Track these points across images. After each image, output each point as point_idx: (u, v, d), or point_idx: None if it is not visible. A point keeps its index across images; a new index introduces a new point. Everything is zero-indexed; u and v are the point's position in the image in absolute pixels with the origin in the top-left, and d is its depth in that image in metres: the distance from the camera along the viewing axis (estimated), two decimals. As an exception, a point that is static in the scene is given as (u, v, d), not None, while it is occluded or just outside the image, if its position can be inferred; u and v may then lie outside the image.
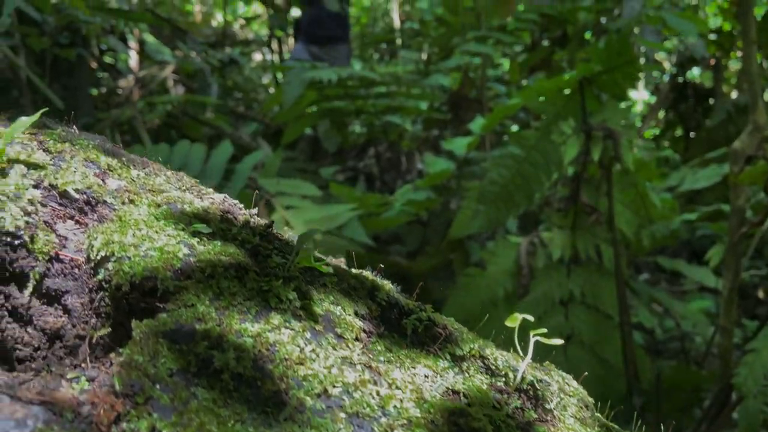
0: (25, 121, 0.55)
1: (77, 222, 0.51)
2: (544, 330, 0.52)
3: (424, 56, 4.27)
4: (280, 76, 4.22)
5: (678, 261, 2.28)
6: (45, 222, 0.48)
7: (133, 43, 3.29)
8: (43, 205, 0.49)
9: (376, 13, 7.88)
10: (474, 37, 2.55)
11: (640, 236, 1.40)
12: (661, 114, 4.92)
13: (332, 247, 1.28)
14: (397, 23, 7.07)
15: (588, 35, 3.33)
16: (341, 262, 0.91)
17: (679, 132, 4.81)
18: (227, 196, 0.62)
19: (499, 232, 1.94)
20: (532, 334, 0.51)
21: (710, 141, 3.98)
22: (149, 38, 3.38)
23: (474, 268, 1.33)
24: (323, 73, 1.77)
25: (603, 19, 3.31)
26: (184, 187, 0.60)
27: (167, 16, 4.70)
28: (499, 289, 1.31)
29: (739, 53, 4.08)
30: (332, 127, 2.71)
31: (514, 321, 0.52)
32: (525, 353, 0.54)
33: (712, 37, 4.04)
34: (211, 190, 0.63)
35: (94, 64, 3.16)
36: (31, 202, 0.48)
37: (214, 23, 7.85)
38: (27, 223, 0.47)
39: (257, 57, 6.96)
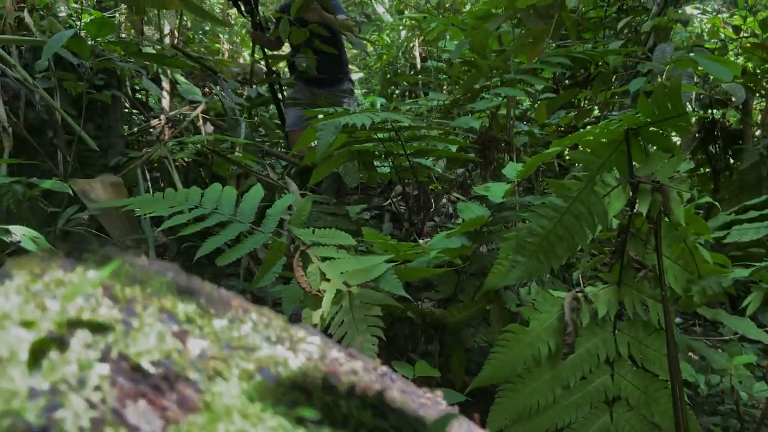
0: (95, 276, 0.41)
1: (151, 402, 0.38)
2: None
3: (448, 96, 4.28)
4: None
5: (718, 311, 2.19)
6: (113, 410, 0.36)
7: (165, 84, 3.34)
8: (111, 385, 0.37)
9: (398, 51, 7.97)
10: (503, 80, 2.54)
11: (690, 292, 1.34)
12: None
13: (369, 301, 1.24)
14: (418, 61, 7.14)
15: (605, 71, 3.32)
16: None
17: (706, 171, 4.74)
18: (320, 337, 0.52)
19: (534, 282, 1.89)
20: None
21: (742, 183, 3.90)
22: (181, 78, 3.43)
23: (515, 324, 1.28)
24: (357, 118, 1.76)
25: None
26: (273, 336, 0.48)
27: (197, 56, 4.80)
28: (543, 346, 1.26)
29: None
30: (360, 167, 2.70)
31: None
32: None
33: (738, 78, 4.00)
34: (302, 333, 0.52)
35: (127, 104, 3.22)
36: (98, 387, 0.36)
37: (241, 60, 8.00)
38: (92, 420, 0.35)
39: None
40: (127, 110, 3.42)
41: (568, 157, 2.43)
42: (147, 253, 2.37)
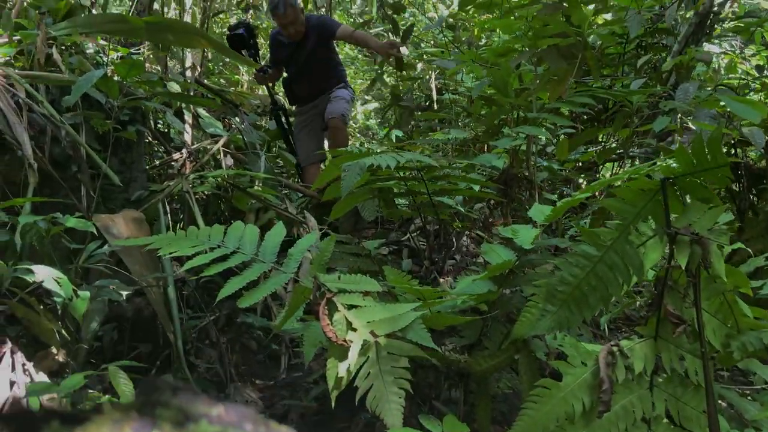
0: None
1: None
2: None
3: (469, 131, 4.28)
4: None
5: (751, 360, 2.12)
6: None
7: (188, 117, 3.38)
8: None
9: (414, 83, 8.02)
10: (526, 118, 2.53)
11: (730, 348, 1.29)
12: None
13: (397, 352, 1.20)
14: (435, 94, 7.17)
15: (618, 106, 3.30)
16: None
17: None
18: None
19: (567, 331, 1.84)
20: None
21: (768, 223, 3.83)
22: (203, 112, 3.46)
23: (548, 379, 1.23)
24: (382, 159, 1.75)
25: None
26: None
27: (218, 88, 4.86)
28: (577, 403, 1.21)
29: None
30: (381, 204, 2.68)
31: None
32: None
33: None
34: None
35: (150, 137, 3.24)
36: None
37: (259, 92, 8.10)
38: None
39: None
40: (150, 144, 3.45)
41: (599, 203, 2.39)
42: (165, 290, 2.36)
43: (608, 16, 4.54)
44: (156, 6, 4.49)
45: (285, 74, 4.28)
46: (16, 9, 2.98)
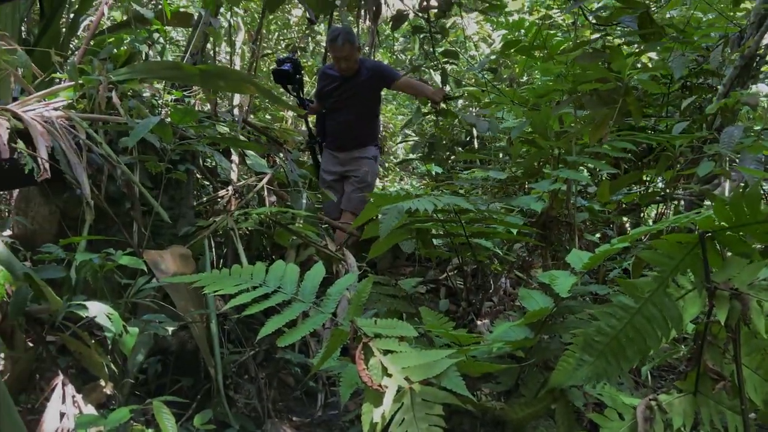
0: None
1: None
2: None
3: (507, 170, 4.29)
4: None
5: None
6: None
7: (234, 156, 3.51)
8: None
9: (455, 119, 8.07)
10: (567, 161, 2.54)
11: (773, 405, 1.25)
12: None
13: (432, 399, 1.22)
14: (475, 131, 7.20)
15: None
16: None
17: None
18: None
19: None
20: None
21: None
22: (249, 151, 3.60)
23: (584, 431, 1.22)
24: (420, 203, 1.79)
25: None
26: None
27: (263, 125, 5.02)
28: (614, 458, 1.19)
29: None
30: (419, 244, 2.72)
31: None
32: None
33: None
34: None
35: (198, 174, 3.38)
36: None
37: (303, 128, 8.29)
38: None
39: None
40: (197, 178, 3.59)
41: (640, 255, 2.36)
42: (208, 325, 2.43)
43: (653, 55, 4.53)
44: (208, 46, 4.72)
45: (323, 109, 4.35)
46: (79, 55, 3.19)
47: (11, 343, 1.76)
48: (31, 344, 1.93)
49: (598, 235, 3.80)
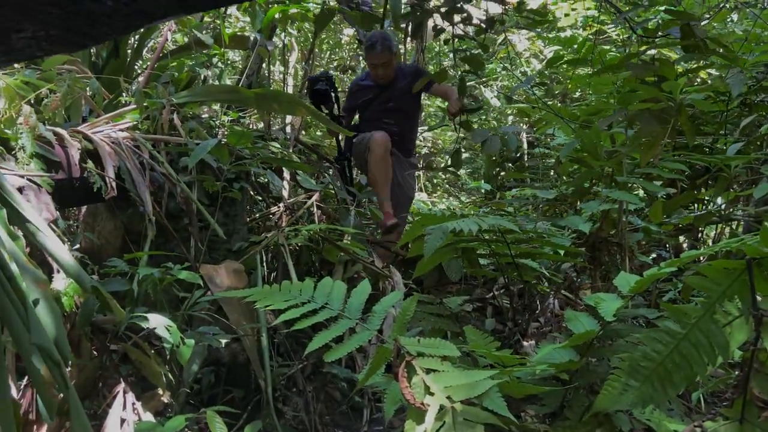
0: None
1: None
2: None
3: (557, 188, 4.25)
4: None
5: None
6: None
7: (286, 174, 3.63)
8: None
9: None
10: (617, 182, 2.52)
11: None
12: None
13: (473, 419, 1.24)
14: (525, 147, 7.14)
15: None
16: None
17: None
18: None
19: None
20: None
21: None
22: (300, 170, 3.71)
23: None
24: (464, 224, 1.82)
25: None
26: None
27: (314, 143, 5.15)
28: (657, 486, 1.18)
29: None
30: (465, 263, 2.74)
31: None
32: None
33: None
34: None
35: (251, 191, 3.51)
36: None
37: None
38: None
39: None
40: (250, 195, 3.73)
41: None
42: (259, 338, 2.51)
43: (713, 70, 4.40)
44: (263, 66, 4.90)
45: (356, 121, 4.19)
46: (144, 78, 3.38)
47: (78, 352, 1.88)
48: (95, 353, 2.05)
49: (653, 256, 3.71)
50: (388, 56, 3.77)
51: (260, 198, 3.84)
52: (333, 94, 3.83)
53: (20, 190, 1.92)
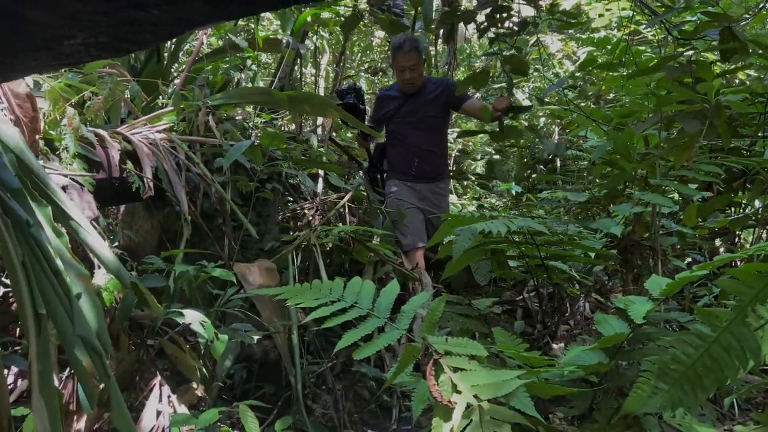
0: None
1: None
2: None
3: (588, 191, 4.21)
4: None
5: None
6: None
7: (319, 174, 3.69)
8: None
9: (536, 137, 7.98)
10: (650, 184, 2.48)
11: None
12: None
13: (500, 418, 1.25)
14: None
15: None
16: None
17: None
18: None
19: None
20: None
21: None
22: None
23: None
24: (493, 226, 1.82)
25: None
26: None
27: (345, 144, 5.20)
28: (685, 489, 1.17)
29: None
30: (494, 265, 2.73)
31: None
32: None
33: None
34: None
35: (282, 191, 3.57)
36: None
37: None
38: None
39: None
40: (284, 198, 3.79)
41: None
42: (290, 336, 2.56)
43: (751, 71, 4.29)
44: (295, 68, 4.98)
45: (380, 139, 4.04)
46: (180, 81, 3.47)
47: (116, 345, 1.95)
48: (133, 347, 2.12)
49: (688, 260, 3.64)
50: (416, 58, 3.59)
51: (291, 198, 3.91)
52: (362, 107, 3.74)
53: (64, 188, 2.00)
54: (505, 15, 2.66)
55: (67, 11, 0.66)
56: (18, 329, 2.02)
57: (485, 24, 2.75)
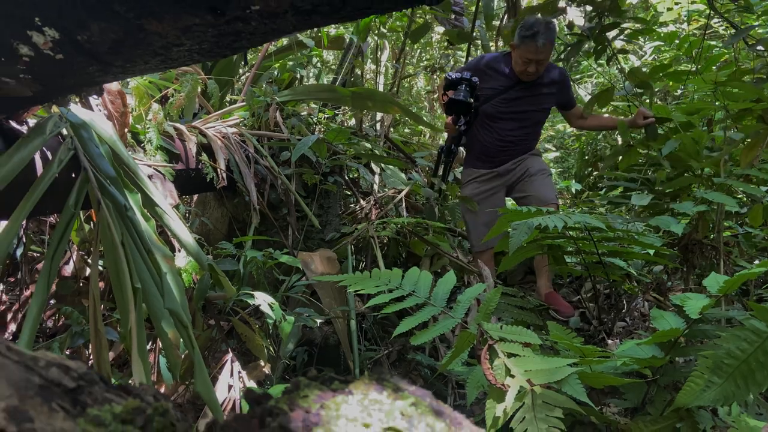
0: (400, 403, 0.45)
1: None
2: None
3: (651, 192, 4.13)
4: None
5: None
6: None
7: (376, 169, 3.78)
8: None
9: (599, 133, 7.83)
10: (714, 184, 2.45)
11: None
12: None
13: (552, 402, 1.31)
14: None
15: None
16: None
17: None
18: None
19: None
20: None
21: None
22: (389, 166, 3.85)
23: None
24: (550, 220, 1.87)
25: None
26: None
27: (403, 139, 5.30)
28: (735, 480, 1.20)
29: None
30: (551, 261, 2.76)
31: None
32: None
33: None
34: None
35: (344, 185, 3.69)
36: None
37: (441, 142, 8.51)
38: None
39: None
40: (345, 191, 3.93)
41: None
42: (348, 322, 2.68)
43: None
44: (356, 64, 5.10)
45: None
46: (249, 78, 3.65)
47: (193, 323, 2.11)
48: (206, 326, 2.29)
49: (756, 262, 3.54)
50: (548, 52, 3.03)
51: (351, 192, 4.04)
52: (475, 104, 3.16)
53: (149, 177, 2.18)
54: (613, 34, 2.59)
55: (184, 24, 0.77)
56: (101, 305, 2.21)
57: (598, 48, 2.72)
